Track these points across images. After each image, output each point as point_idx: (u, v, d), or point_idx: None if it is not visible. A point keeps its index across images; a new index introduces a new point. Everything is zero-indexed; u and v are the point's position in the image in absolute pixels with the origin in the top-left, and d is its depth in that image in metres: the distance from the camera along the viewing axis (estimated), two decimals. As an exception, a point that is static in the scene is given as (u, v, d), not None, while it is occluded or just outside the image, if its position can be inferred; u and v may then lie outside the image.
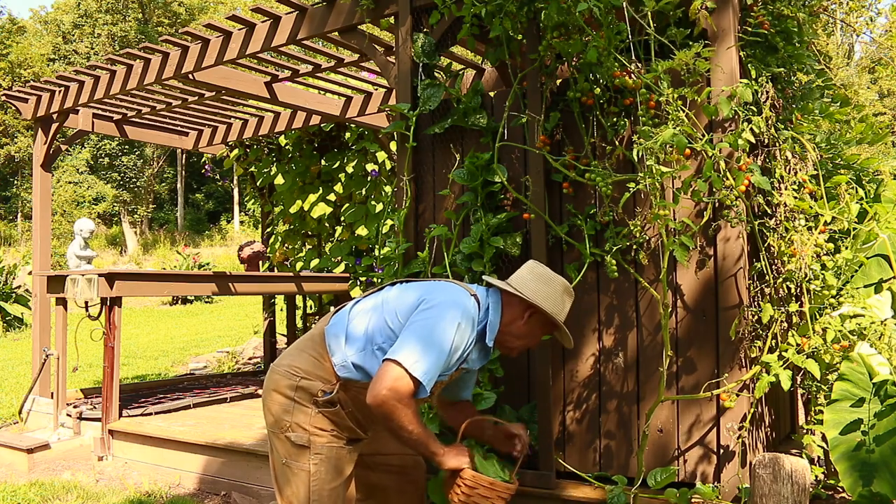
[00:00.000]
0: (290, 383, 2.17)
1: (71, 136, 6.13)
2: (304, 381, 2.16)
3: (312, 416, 2.14)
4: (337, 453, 2.16)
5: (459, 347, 2.11)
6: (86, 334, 4.97)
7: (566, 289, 2.34)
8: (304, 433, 2.14)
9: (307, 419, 2.14)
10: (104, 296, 4.60)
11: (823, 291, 2.71)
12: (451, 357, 2.07)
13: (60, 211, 28.52)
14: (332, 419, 2.16)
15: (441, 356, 2.02)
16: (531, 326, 2.30)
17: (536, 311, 2.27)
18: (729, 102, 2.52)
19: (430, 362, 1.99)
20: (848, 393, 2.44)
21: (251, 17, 4.31)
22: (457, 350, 2.10)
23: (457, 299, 2.14)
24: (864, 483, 2.30)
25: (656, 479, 2.65)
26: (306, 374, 2.17)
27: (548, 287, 2.29)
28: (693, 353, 2.76)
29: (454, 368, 2.20)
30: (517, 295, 2.25)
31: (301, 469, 2.12)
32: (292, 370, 2.19)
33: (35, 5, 68.07)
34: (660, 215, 2.53)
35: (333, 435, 2.17)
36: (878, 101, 20.77)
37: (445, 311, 2.08)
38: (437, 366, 2.01)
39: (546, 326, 2.31)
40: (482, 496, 2.15)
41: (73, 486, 4.13)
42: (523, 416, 3.04)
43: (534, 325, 2.30)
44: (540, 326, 2.31)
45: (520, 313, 2.27)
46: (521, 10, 2.89)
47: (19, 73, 31.04)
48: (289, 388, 2.16)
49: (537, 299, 2.25)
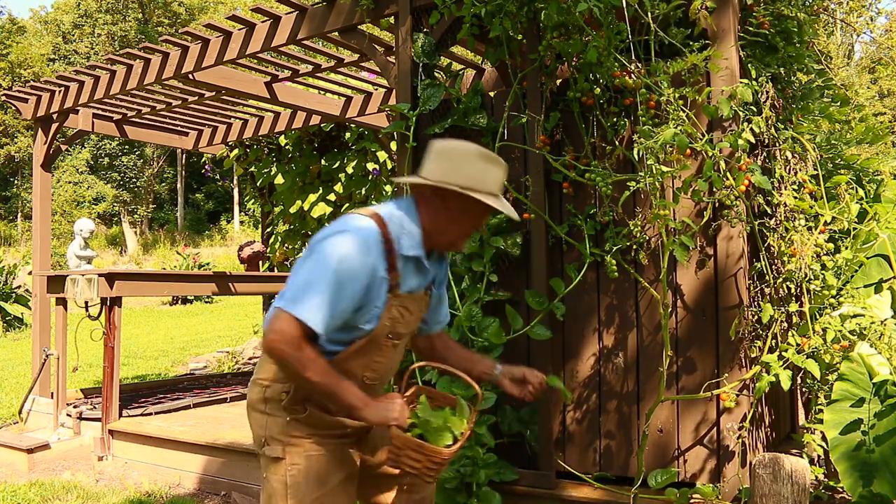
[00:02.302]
0: (259, 396, 2.00)
1: (71, 136, 6.13)
2: (269, 390, 1.98)
3: (285, 425, 1.95)
4: (318, 462, 1.94)
5: (357, 275, 1.80)
6: (86, 334, 4.97)
7: (478, 155, 1.91)
8: (279, 445, 1.95)
9: (280, 430, 1.95)
10: (104, 296, 4.60)
11: (823, 291, 2.71)
12: (346, 288, 1.78)
13: (60, 211, 28.53)
14: (308, 422, 1.95)
15: (325, 291, 1.75)
16: (453, 211, 1.91)
17: (447, 193, 1.89)
18: (729, 102, 2.52)
19: (312, 299, 1.75)
20: (848, 393, 2.44)
21: (251, 17, 4.31)
22: (353, 279, 1.79)
23: (340, 228, 1.84)
24: (864, 483, 2.30)
25: (656, 479, 2.65)
26: (270, 381, 1.98)
27: (450, 161, 1.89)
28: (693, 353, 2.76)
29: (381, 298, 1.87)
30: (425, 185, 1.91)
31: (278, 482, 1.94)
32: (258, 381, 2.01)
33: (35, 5, 68.08)
34: (660, 215, 2.53)
35: (313, 441, 1.95)
36: (878, 101, 20.77)
37: (325, 246, 1.80)
38: (324, 301, 1.75)
39: (474, 205, 1.91)
40: (412, 459, 1.82)
41: (73, 486, 4.13)
42: (524, 417, 3.04)
43: (455, 208, 1.91)
44: (464, 208, 1.91)
45: (433, 203, 1.92)
46: (521, 10, 2.89)
47: (19, 73, 31.04)
48: (259, 402, 1.99)
49: (435, 177, 1.89)
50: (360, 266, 1.79)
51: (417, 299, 1.99)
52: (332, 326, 1.80)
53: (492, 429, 2.98)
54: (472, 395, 2.94)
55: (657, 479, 2.65)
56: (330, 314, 1.77)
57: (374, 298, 1.85)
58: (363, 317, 1.87)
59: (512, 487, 2.94)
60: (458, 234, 1.96)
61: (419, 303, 2.00)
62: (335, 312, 1.77)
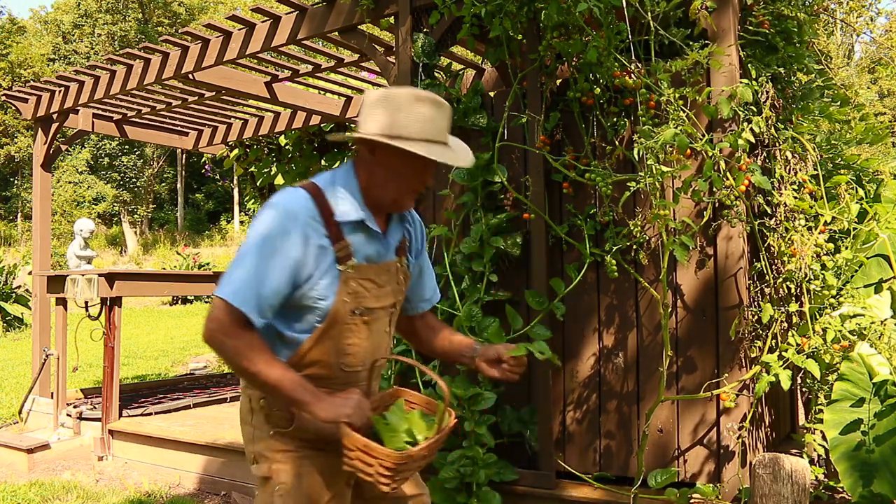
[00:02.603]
0: (246, 407, 1.84)
1: (71, 136, 6.13)
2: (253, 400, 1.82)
3: (269, 438, 1.78)
4: (307, 480, 1.76)
5: (282, 248, 1.62)
6: (86, 334, 4.97)
7: (411, 99, 1.68)
8: (266, 462, 1.78)
9: (266, 445, 1.79)
10: (104, 296, 4.60)
11: (823, 291, 2.71)
12: (272, 263, 1.61)
13: (60, 211, 28.53)
14: (293, 435, 1.77)
15: (251, 269, 1.60)
16: (388, 166, 1.71)
17: (377, 146, 1.69)
18: (729, 102, 2.52)
19: (239, 280, 1.60)
20: (848, 393, 2.44)
21: (251, 17, 4.31)
22: (278, 252, 1.61)
23: (267, 204, 1.70)
24: (864, 483, 2.30)
25: (656, 479, 2.65)
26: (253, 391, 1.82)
27: (381, 110, 1.68)
28: (693, 353, 2.76)
29: (328, 271, 1.68)
30: (359, 140, 1.72)
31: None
32: (244, 390, 1.86)
33: (35, 5, 68.11)
34: (660, 215, 2.53)
35: (301, 456, 1.76)
36: (878, 101, 20.77)
37: (253, 225, 1.67)
38: (250, 281, 1.60)
39: (409, 156, 1.68)
40: (362, 462, 1.61)
41: (73, 486, 4.13)
42: (524, 417, 3.04)
43: (388, 162, 1.70)
44: (399, 160, 1.69)
45: (368, 160, 1.73)
46: (521, 10, 2.89)
47: (19, 73, 31.04)
48: (247, 413, 1.84)
49: (366, 129, 1.69)
50: (285, 238, 1.62)
51: (386, 270, 1.79)
52: (269, 307, 1.64)
53: (492, 429, 2.98)
54: (472, 396, 2.95)
55: (657, 479, 2.65)
56: (258, 293, 1.60)
57: (316, 272, 1.66)
58: (311, 292, 1.68)
59: (512, 487, 2.94)
60: (399, 191, 1.73)
61: (391, 274, 1.81)
62: (265, 291, 1.61)
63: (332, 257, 1.68)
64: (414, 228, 1.93)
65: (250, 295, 1.60)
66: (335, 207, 1.69)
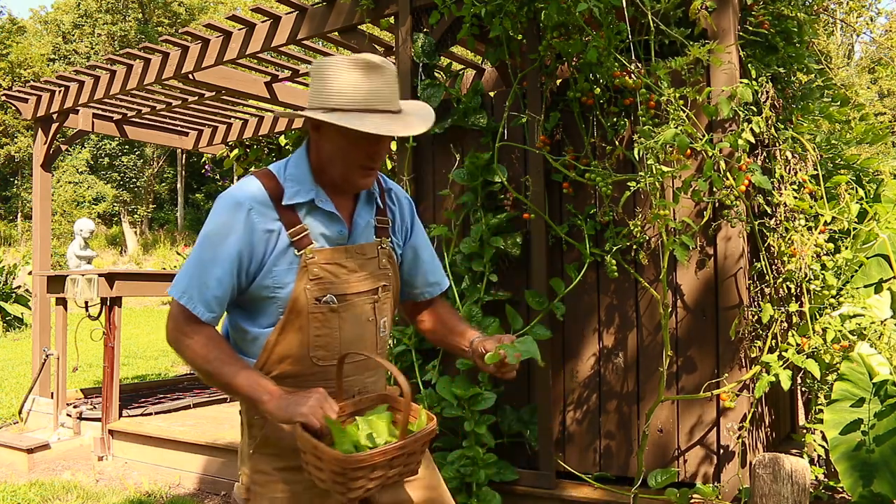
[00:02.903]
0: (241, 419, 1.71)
1: (71, 136, 6.13)
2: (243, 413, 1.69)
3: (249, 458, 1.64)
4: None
5: (227, 237, 1.52)
6: (86, 334, 4.97)
7: (347, 65, 1.51)
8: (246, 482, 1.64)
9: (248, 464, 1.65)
10: (104, 296, 4.60)
11: (823, 291, 2.71)
12: (217, 254, 1.52)
13: (60, 211, 28.52)
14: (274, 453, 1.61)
15: (196, 263, 1.54)
16: (332, 140, 1.56)
17: (314, 122, 1.57)
18: (729, 102, 2.52)
19: (185, 277, 1.54)
20: (848, 393, 2.44)
21: (251, 17, 4.31)
22: (223, 242, 1.52)
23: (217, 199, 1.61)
24: (864, 483, 2.30)
25: (656, 479, 2.65)
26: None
27: (318, 81, 1.54)
28: (693, 353, 2.76)
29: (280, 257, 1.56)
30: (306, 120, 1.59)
31: None
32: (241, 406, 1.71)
33: (35, 5, 68.12)
34: (660, 215, 2.53)
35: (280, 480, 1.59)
36: (878, 101, 20.78)
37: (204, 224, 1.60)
38: (196, 274, 1.53)
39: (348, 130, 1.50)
40: (314, 466, 1.46)
41: (73, 486, 4.13)
42: (524, 417, 3.04)
43: (332, 137, 1.55)
44: (339, 134, 1.54)
45: (313, 137, 1.61)
46: (521, 10, 2.89)
47: (19, 73, 31.04)
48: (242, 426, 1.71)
49: (308, 102, 1.57)
50: (227, 228, 1.53)
51: (360, 252, 1.64)
52: (216, 300, 1.54)
53: (492, 429, 2.98)
54: (472, 396, 2.95)
55: (657, 479, 2.65)
56: (202, 286, 1.52)
57: (269, 259, 1.55)
58: (267, 281, 1.56)
59: (512, 487, 2.95)
60: (346, 168, 1.58)
61: (368, 257, 1.65)
62: (209, 282, 1.52)
63: (287, 242, 1.56)
64: (399, 207, 1.78)
65: (195, 290, 1.53)
66: (286, 190, 1.58)
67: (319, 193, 1.60)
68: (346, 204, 1.66)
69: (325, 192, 1.62)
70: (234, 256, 1.53)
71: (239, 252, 1.53)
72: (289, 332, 1.58)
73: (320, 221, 1.60)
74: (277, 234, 1.55)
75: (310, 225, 1.58)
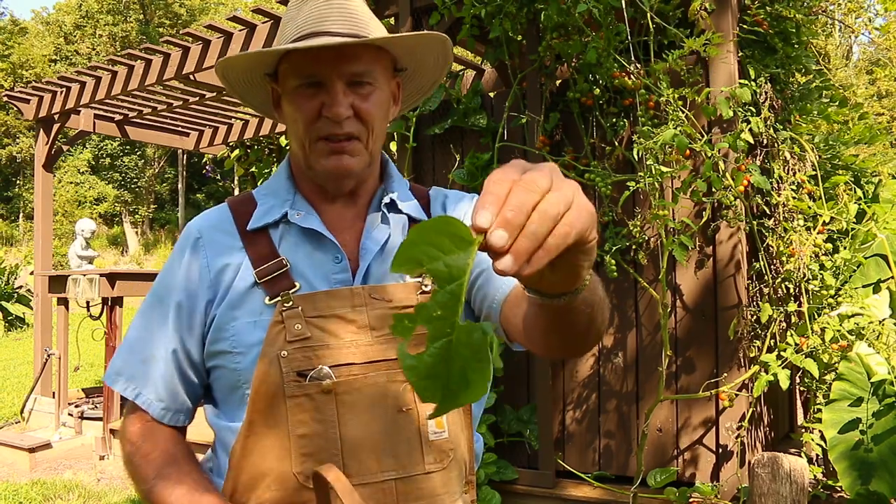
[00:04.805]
0: None
1: (72, 136, 6.15)
2: None
3: None
4: None
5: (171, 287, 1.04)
6: (87, 334, 4.99)
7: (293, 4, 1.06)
8: None
9: None
10: (105, 295, 4.62)
11: (822, 291, 2.72)
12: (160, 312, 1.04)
13: (62, 211, 28.55)
14: None
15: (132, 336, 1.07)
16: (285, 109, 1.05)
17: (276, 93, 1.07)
18: (728, 103, 2.53)
19: (121, 354, 1.07)
20: (846, 392, 2.45)
21: (252, 19, 4.33)
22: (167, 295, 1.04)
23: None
24: (862, 482, 2.31)
25: (656, 478, 2.66)
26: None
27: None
28: (692, 352, 2.77)
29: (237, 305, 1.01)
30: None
31: None
32: None
33: (37, 6, 68.25)
34: (659, 215, 2.54)
35: None
36: (877, 101, 20.79)
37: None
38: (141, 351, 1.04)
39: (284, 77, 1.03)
40: None
41: (75, 486, 4.14)
42: (523, 416, 3.05)
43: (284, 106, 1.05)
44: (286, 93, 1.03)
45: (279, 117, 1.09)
46: (520, 11, 2.90)
47: (21, 73, 31.08)
48: None
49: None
50: (172, 272, 1.05)
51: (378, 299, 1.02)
52: (164, 384, 1.04)
53: (492, 428, 2.99)
54: None
55: (656, 478, 2.66)
56: (141, 362, 1.04)
57: (220, 308, 1.01)
58: (221, 343, 1.01)
59: (512, 486, 2.96)
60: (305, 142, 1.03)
61: (393, 308, 1.01)
62: (152, 357, 1.03)
63: (251, 282, 1.01)
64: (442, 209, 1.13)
65: (135, 369, 1.04)
66: (257, 208, 1.07)
67: (297, 203, 1.07)
68: (349, 219, 1.08)
69: (311, 201, 1.07)
70: (181, 310, 1.03)
71: (179, 304, 1.03)
72: (259, 433, 0.98)
73: (305, 250, 1.04)
74: (236, 270, 1.02)
75: (290, 257, 1.03)
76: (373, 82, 1.01)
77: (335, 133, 0.99)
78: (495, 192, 0.55)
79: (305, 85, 0.99)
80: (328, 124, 0.99)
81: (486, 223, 0.53)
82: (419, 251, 0.52)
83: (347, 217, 1.08)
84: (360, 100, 1.00)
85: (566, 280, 0.68)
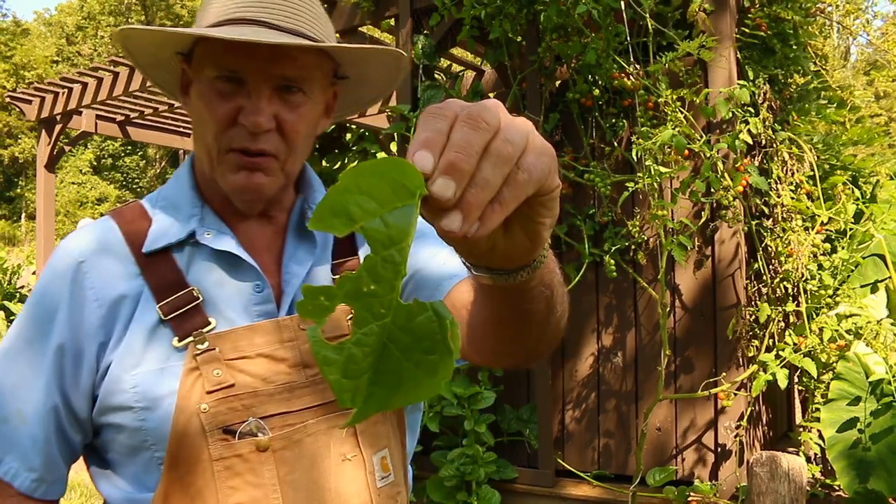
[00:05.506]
0: None
1: (74, 137, 6.17)
2: None
3: None
4: None
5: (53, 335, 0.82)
6: (89, 334, 5.00)
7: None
8: None
9: None
10: (107, 296, 4.63)
11: (820, 291, 2.73)
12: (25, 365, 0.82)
13: (64, 211, 28.60)
14: None
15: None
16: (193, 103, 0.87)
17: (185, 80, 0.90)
18: (727, 104, 2.54)
19: None
20: (844, 392, 2.47)
21: (253, 19, 4.33)
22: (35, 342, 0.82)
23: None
24: (860, 480, 2.32)
25: (655, 477, 2.67)
26: None
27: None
28: (691, 352, 2.78)
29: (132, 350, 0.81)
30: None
31: None
32: None
33: (39, 7, 68.35)
34: (658, 215, 2.55)
35: None
36: (874, 102, 20.79)
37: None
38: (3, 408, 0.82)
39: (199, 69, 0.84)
40: None
41: (76, 485, 4.16)
42: (523, 416, 3.06)
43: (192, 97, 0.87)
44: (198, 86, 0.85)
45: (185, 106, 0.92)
46: (520, 13, 2.92)
47: (23, 74, 31.14)
48: None
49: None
50: (45, 308, 0.83)
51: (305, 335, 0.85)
52: (37, 449, 0.82)
53: (491, 427, 3.00)
54: (471, 395, 2.97)
55: (655, 477, 2.67)
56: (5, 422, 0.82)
57: (115, 353, 0.81)
58: (119, 396, 0.80)
59: (511, 485, 2.97)
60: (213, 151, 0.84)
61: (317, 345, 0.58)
62: (18, 419, 0.82)
63: (155, 320, 0.82)
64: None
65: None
66: (153, 224, 0.87)
67: (207, 220, 0.87)
68: (267, 238, 0.90)
69: (222, 217, 0.88)
70: (52, 364, 0.81)
71: (59, 347, 0.81)
72: (181, 497, 0.79)
73: (218, 278, 0.85)
74: (134, 304, 0.82)
75: (201, 286, 0.84)
76: (306, 91, 0.83)
77: (249, 147, 0.81)
78: (435, 127, 0.42)
79: (224, 79, 0.81)
80: (243, 135, 0.81)
81: (428, 167, 0.41)
82: (351, 201, 0.38)
83: (265, 235, 0.89)
84: (287, 110, 0.82)
85: (524, 247, 0.52)
